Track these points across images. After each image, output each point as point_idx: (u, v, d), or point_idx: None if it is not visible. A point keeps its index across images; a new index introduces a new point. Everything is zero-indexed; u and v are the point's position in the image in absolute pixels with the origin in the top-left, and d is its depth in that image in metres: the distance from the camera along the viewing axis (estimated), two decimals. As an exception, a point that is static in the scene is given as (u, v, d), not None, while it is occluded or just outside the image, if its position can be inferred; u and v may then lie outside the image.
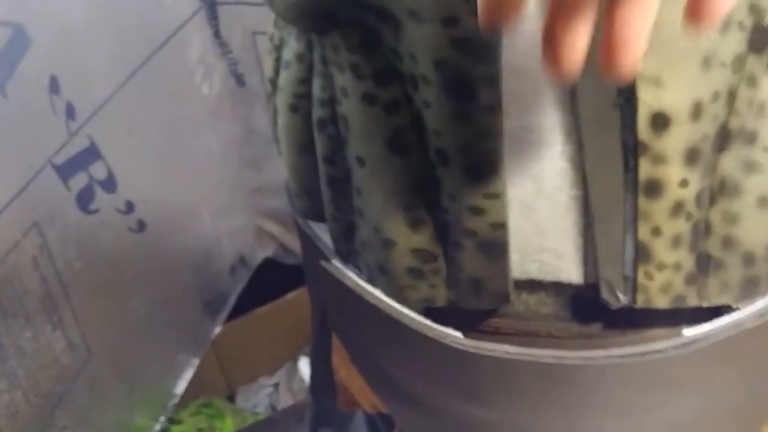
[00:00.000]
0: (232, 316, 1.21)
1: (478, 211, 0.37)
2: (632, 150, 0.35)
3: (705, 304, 0.38)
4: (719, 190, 0.36)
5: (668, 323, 0.40)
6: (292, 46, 0.44)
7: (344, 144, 0.41)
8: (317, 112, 0.42)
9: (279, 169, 0.50)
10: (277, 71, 0.47)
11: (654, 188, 0.35)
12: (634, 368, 0.40)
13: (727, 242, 0.37)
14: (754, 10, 0.34)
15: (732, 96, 0.35)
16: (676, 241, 0.36)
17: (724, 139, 0.35)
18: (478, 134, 0.35)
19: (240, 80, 1.15)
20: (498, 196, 0.36)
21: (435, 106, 0.35)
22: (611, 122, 0.34)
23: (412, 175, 0.39)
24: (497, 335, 0.41)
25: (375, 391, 0.54)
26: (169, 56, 1.00)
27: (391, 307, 0.42)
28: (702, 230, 0.37)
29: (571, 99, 0.34)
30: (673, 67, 0.33)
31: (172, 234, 1.06)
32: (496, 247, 0.38)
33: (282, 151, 0.48)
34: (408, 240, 0.40)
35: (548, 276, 0.39)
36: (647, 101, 0.33)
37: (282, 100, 0.45)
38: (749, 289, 0.38)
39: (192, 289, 1.11)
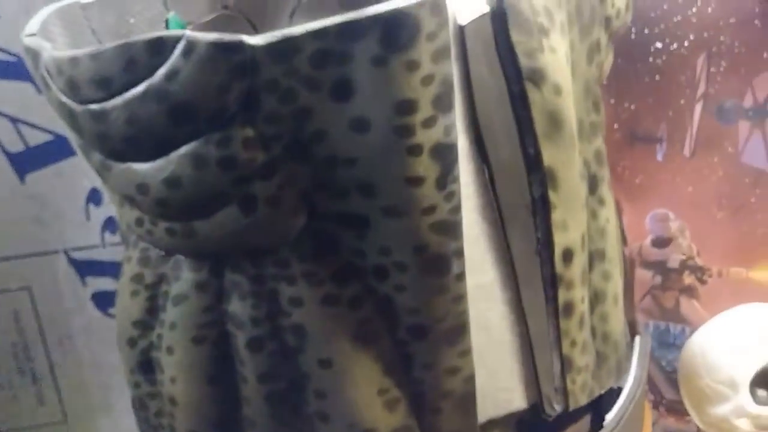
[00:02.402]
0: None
1: (454, 371, 0.41)
2: (549, 283, 0.43)
3: (602, 391, 0.48)
4: (594, 299, 0.47)
5: (580, 418, 0.48)
6: (186, 278, 0.43)
7: (294, 355, 0.41)
8: (247, 333, 0.41)
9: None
10: (151, 311, 0.45)
11: (568, 309, 0.44)
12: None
13: (605, 338, 0.48)
14: (587, 162, 0.46)
15: (588, 227, 0.46)
16: (583, 348, 0.46)
17: (591, 259, 0.47)
18: (453, 300, 0.40)
19: None
20: (468, 352, 0.41)
21: (412, 287, 0.39)
22: (535, 265, 0.43)
23: (382, 361, 0.41)
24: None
25: None
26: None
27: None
28: (590, 334, 0.47)
29: (506, 253, 0.42)
30: (572, 212, 0.43)
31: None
32: (469, 400, 0.42)
33: (174, 395, 0.45)
34: (388, 423, 0.41)
35: (501, 411, 0.44)
36: (559, 242, 0.43)
37: (177, 336, 0.43)
38: (621, 369, 0.50)
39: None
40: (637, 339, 0.53)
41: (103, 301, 0.85)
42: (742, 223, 0.80)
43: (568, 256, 0.43)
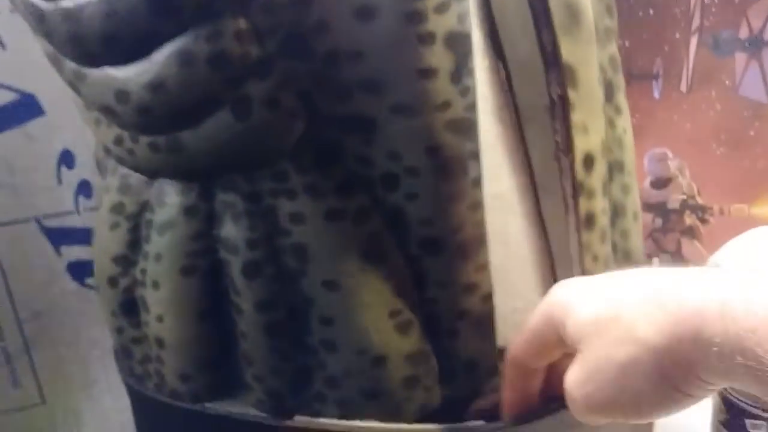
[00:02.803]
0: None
1: (471, 288, 0.38)
2: (570, 191, 0.40)
3: None
4: (614, 213, 0.44)
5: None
6: (173, 203, 0.39)
7: (295, 279, 0.37)
8: (242, 257, 0.38)
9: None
10: (133, 243, 0.41)
11: (590, 221, 0.41)
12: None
13: (626, 255, 0.45)
14: (602, 67, 0.43)
15: (605, 135, 0.43)
16: (605, 264, 0.43)
17: (610, 170, 0.43)
18: (469, 208, 0.37)
19: None
20: (486, 267, 0.38)
21: (425, 194, 0.36)
22: (555, 172, 0.39)
23: (392, 280, 0.37)
24: (483, 413, 0.42)
25: None
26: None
27: (382, 427, 0.39)
28: (611, 250, 0.44)
29: (524, 159, 0.39)
30: (592, 115, 0.40)
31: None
32: (486, 321, 0.39)
33: (162, 335, 0.41)
34: (400, 348, 0.38)
35: (520, 335, 0.41)
36: (580, 146, 0.39)
37: (163, 268, 0.39)
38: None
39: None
40: (656, 261, 0.50)
41: (80, 271, 0.80)
42: (743, 158, 0.78)
43: (588, 162, 0.40)
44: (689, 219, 0.79)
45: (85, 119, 0.41)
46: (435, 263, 0.37)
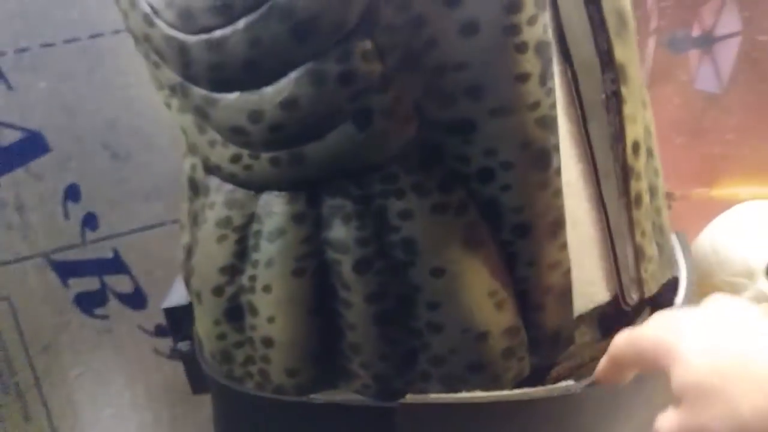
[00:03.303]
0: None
1: (555, 265, 0.43)
2: (620, 177, 0.46)
3: (665, 280, 0.51)
4: (651, 194, 0.50)
5: (644, 311, 0.51)
6: (282, 212, 0.42)
7: (403, 270, 0.42)
8: (354, 255, 0.42)
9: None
10: (241, 254, 0.44)
11: (638, 200, 0.47)
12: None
13: (661, 230, 0.51)
14: None
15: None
16: (650, 238, 0.49)
17: (647, 155, 0.49)
18: (553, 195, 0.42)
19: None
20: (566, 245, 0.43)
21: (517, 185, 0.41)
22: (610, 158, 0.45)
23: (489, 264, 0.42)
24: (560, 379, 0.47)
25: None
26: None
27: (487, 396, 0.43)
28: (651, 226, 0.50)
29: (587, 149, 0.44)
30: (637, 108, 0.46)
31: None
32: (567, 293, 0.44)
33: (271, 335, 0.44)
34: (498, 324, 0.43)
35: (588, 305, 0.47)
36: (630, 134, 0.45)
37: (275, 272, 0.43)
38: (672, 260, 0.53)
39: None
40: (674, 235, 0.56)
41: (88, 301, 0.81)
42: (701, 146, 0.87)
43: (636, 148, 0.46)
44: (659, 203, 0.87)
45: (191, 144, 0.44)
46: (525, 245, 0.42)
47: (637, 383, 0.41)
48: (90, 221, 0.79)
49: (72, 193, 0.78)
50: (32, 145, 0.74)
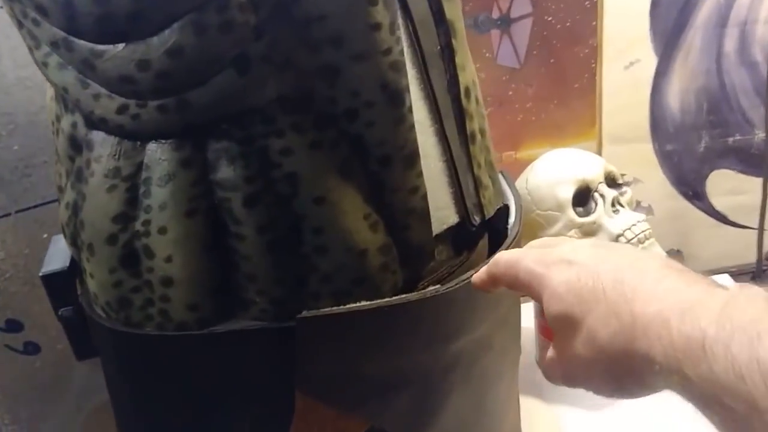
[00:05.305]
0: None
1: (415, 190, 0.51)
2: (458, 117, 0.55)
3: (500, 205, 0.61)
4: (480, 133, 0.59)
5: (484, 233, 0.61)
6: (170, 158, 0.47)
7: (288, 201, 0.48)
8: (243, 192, 0.47)
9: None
10: (132, 201, 0.48)
11: (473, 137, 0.56)
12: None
13: (490, 165, 0.61)
14: None
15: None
16: (485, 170, 0.58)
17: (476, 100, 0.59)
18: (408, 129, 0.50)
19: None
20: (422, 173, 0.51)
21: (379, 121, 0.48)
22: (448, 102, 0.54)
23: (362, 191, 0.49)
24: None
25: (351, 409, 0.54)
26: None
27: (372, 304, 0.50)
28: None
29: (429, 92, 0.53)
30: (466, 58, 0.55)
31: None
32: (426, 215, 0.52)
33: (170, 273, 0.49)
34: (374, 242, 0.50)
35: (442, 227, 0.55)
36: (462, 81, 0.55)
37: (169, 214, 0.48)
38: (501, 191, 0.63)
39: None
40: (500, 174, 0.67)
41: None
42: (506, 114, 0.99)
43: (467, 93, 0.55)
44: (477, 167, 0.98)
45: (74, 100, 0.48)
46: (389, 174, 0.50)
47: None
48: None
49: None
50: None
